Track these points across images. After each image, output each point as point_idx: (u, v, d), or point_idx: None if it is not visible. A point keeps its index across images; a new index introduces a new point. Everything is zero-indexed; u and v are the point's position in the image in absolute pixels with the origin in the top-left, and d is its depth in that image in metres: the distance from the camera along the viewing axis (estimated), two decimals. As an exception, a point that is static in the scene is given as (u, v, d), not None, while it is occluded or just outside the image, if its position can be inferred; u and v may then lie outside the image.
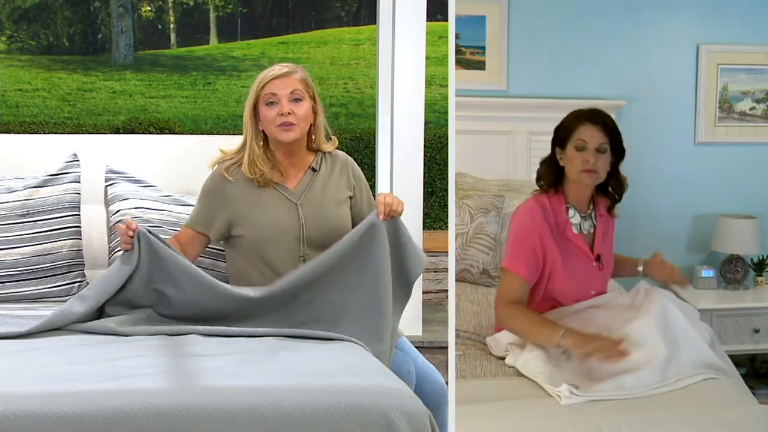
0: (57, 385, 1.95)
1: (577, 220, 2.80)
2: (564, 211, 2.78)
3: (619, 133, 2.80)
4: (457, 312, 3.00)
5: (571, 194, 2.80)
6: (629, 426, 2.27)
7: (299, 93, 2.76)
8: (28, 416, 1.80)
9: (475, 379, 2.67)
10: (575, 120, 2.78)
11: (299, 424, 1.89)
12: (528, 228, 2.75)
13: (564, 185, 2.80)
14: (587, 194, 2.81)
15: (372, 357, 2.33)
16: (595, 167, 2.72)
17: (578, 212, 2.81)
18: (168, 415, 1.85)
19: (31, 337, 2.40)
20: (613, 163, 2.80)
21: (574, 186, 2.79)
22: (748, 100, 4.06)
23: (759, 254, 3.95)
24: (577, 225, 2.80)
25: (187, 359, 2.20)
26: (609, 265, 2.87)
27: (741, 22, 3.99)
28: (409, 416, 1.94)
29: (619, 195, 2.87)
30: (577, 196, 2.80)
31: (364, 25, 13.24)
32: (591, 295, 2.83)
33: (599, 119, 2.77)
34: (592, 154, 2.72)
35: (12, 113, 10.45)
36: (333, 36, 13.24)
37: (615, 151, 2.79)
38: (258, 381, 2.03)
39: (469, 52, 3.84)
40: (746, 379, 3.10)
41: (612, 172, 2.81)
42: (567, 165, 2.77)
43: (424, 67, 3.79)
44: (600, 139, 2.74)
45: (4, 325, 2.50)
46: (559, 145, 2.81)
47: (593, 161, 2.71)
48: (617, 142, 2.78)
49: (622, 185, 2.87)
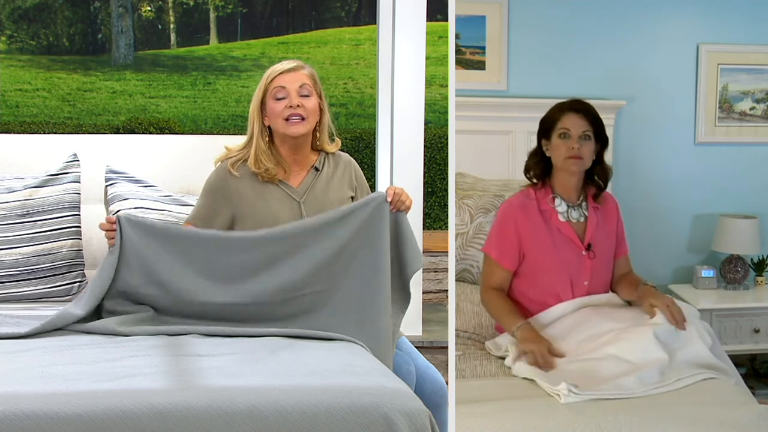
0: (57, 385, 1.95)
1: (563, 209, 2.86)
2: (550, 200, 2.85)
3: (601, 121, 2.88)
4: (457, 312, 3.00)
5: (557, 184, 2.87)
6: (629, 426, 2.27)
7: (308, 88, 2.77)
8: (28, 416, 1.80)
9: (475, 379, 2.67)
10: (558, 110, 2.88)
11: (299, 424, 1.89)
12: (506, 215, 2.88)
13: (551, 176, 2.88)
14: (574, 183, 2.87)
15: (372, 357, 2.32)
16: (580, 153, 2.80)
17: (565, 201, 2.86)
18: (168, 415, 1.85)
19: (31, 337, 2.40)
20: (598, 152, 2.87)
21: (560, 175, 2.86)
22: (748, 100, 4.06)
23: (759, 254, 3.95)
24: (563, 213, 2.85)
25: (187, 359, 2.20)
26: (604, 256, 2.89)
27: (741, 22, 3.99)
28: (409, 416, 1.94)
29: (604, 183, 2.93)
30: (564, 185, 2.87)
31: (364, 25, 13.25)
32: (584, 286, 2.85)
33: (581, 108, 2.86)
34: (576, 140, 2.80)
35: (12, 113, 10.45)
36: (333, 36, 13.25)
37: (599, 139, 2.86)
38: (258, 381, 2.03)
39: (469, 52, 3.84)
40: (746, 379, 3.10)
41: (597, 161, 2.88)
42: (553, 154, 2.85)
43: (424, 67, 3.80)
44: (583, 126, 2.82)
45: (5, 326, 2.50)
46: (545, 136, 2.89)
47: (577, 147, 2.79)
48: (600, 130, 2.86)
49: (606, 173, 2.93)
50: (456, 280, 3.29)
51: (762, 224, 3.94)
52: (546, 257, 2.83)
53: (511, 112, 3.70)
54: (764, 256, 3.97)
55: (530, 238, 2.83)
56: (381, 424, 1.91)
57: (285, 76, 2.76)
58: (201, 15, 7.86)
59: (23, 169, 3.20)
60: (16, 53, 11.70)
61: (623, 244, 3.00)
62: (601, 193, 2.94)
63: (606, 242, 2.91)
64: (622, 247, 2.99)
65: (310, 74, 2.80)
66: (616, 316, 2.78)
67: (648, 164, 3.97)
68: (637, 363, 2.58)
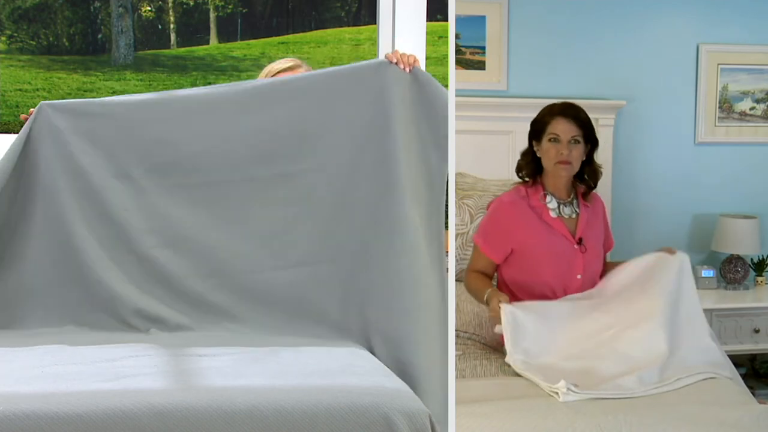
0: (57, 385, 1.95)
1: (554, 205, 2.93)
2: (541, 197, 2.93)
3: (591, 125, 2.94)
4: (457, 312, 3.01)
5: (548, 183, 2.95)
6: (629, 426, 2.26)
7: None
8: (28, 416, 1.80)
9: (475, 379, 2.67)
10: (548, 114, 2.94)
11: (299, 424, 1.89)
12: (496, 211, 2.98)
13: (543, 175, 2.96)
14: (564, 183, 2.95)
15: (372, 357, 2.32)
16: (569, 158, 2.88)
17: (556, 198, 2.94)
18: (168, 415, 1.85)
19: (31, 337, 2.40)
20: (588, 153, 2.95)
21: (550, 176, 2.94)
22: (748, 100, 4.06)
23: (759, 254, 3.96)
24: (555, 209, 2.93)
25: (187, 359, 2.20)
26: (595, 251, 2.96)
27: (741, 22, 3.99)
28: (409, 416, 1.93)
29: (594, 182, 3.01)
30: (554, 185, 2.95)
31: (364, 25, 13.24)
32: (577, 279, 2.90)
33: (571, 113, 2.92)
34: (566, 146, 2.88)
35: (12, 113, 10.45)
36: (333, 36, 13.24)
37: (588, 141, 2.94)
38: (258, 381, 2.02)
39: (469, 52, 3.84)
40: (746, 379, 3.10)
41: (586, 162, 2.96)
42: (543, 157, 2.93)
43: (424, 67, 3.79)
44: (572, 131, 2.89)
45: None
46: (536, 138, 2.97)
47: (566, 153, 2.88)
48: (590, 133, 2.93)
49: (596, 173, 3.01)
50: (456, 280, 3.29)
51: (762, 224, 3.94)
52: (539, 251, 2.90)
53: (511, 112, 3.71)
54: (764, 256, 3.97)
55: (522, 233, 2.90)
56: (381, 424, 1.91)
57: (282, 76, 2.76)
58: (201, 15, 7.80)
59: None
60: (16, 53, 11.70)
61: (610, 237, 3.11)
62: (590, 192, 3.02)
63: (596, 237, 2.99)
64: (609, 241, 3.10)
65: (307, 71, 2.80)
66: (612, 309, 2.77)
67: (648, 164, 3.97)
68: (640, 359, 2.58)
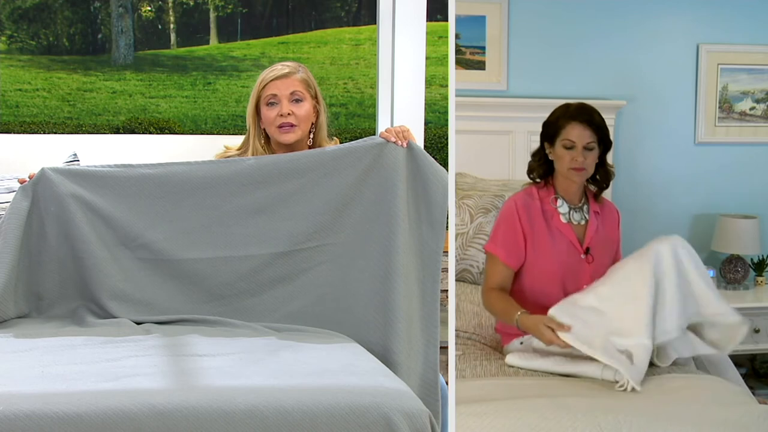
0: (57, 385, 1.95)
1: (565, 210, 2.86)
2: (552, 200, 2.85)
3: (605, 127, 2.85)
4: (457, 312, 3.00)
5: (560, 187, 2.88)
6: (629, 426, 2.26)
7: (299, 94, 2.76)
8: (28, 416, 1.80)
9: (475, 379, 2.67)
10: (563, 117, 2.83)
11: (299, 424, 1.89)
12: (511, 214, 2.83)
13: (554, 178, 2.88)
14: (576, 188, 2.88)
15: (372, 357, 2.32)
16: (584, 165, 2.80)
17: (567, 203, 2.87)
18: (168, 415, 1.85)
19: (31, 337, 2.40)
20: (600, 155, 2.86)
21: (563, 180, 2.86)
22: (748, 100, 4.06)
23: (759, 254, 3.96)
24: (565, 214, 2.85)
25: (187, 359, 2.20)
26: (602, 261, 2.88)
27: (741, 22, 3.99)
28: (409, 416, 1.94)
29: (606, 183, 2.94)
30: (565, 189, 2.87)
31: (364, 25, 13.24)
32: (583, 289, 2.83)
33: (586, 117, 2.81)
34: (580, 153, 2.79)
35: (12, 113, 10.45)
36: (333, 36, 13.24)
37: (602, 144, 2.85)
38: (258, 381, 2.03)
39: (469, 52, 3.84)
40: (746, 379, 3.10)
41: (599, 163, 2.88)
42: (556, 161, 2.85)
43: (424, 67, 3.79)
44: (588, 137, 2.79)
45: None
46: (548, 140, 2.87)
47: (581, 160, 2.79)
48: (604, 136, 2.84)
49: (608, 174, 2.93)
50: (456, 280, 3.30)
51: (762, 224, 3.94)
52: (546, 261, 2.82)
53: (511, 112, 3.71)
54: (764, 256, 3.97)
55: (532, 240, 2.83)
56: (381, 424, 1.91)
57: (277, 83, 2.76)
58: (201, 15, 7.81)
59: (23, 169, 3.20)
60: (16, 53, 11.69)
61: (618, 251, 3.02)
62: (601, 194, 2.95)
63: (604, 247, 2.91)
64: (616, 255, 3.00)
65: (302, 79, 2.79)
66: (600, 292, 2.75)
67: (648, 164, 3.97)
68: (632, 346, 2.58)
